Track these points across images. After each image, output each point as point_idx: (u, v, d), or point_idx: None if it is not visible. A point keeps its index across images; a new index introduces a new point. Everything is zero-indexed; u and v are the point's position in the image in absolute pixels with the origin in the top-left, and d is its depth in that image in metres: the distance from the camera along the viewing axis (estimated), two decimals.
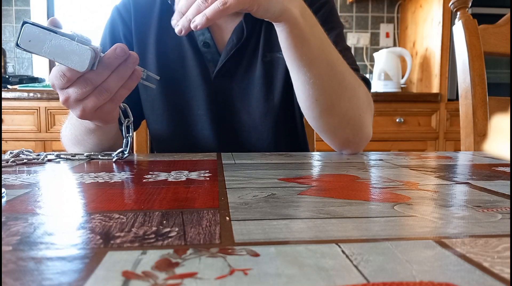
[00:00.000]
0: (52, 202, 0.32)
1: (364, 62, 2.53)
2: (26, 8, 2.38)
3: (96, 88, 0.47)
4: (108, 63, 0.45)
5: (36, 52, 0.43)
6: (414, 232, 0.24)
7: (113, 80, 0.47)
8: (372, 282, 0.17)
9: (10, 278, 0.18)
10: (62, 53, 0.43)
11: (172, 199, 0.33)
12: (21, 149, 0.54)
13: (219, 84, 0.75)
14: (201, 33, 0.74)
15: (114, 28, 0.76)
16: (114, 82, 0.47)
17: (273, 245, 0.22)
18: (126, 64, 0.47)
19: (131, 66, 0.47)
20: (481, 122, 0.86)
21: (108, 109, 0.50)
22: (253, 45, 0.75)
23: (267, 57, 0.74)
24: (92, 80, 0.46)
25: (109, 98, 0.48)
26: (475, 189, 0.37)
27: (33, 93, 1.93)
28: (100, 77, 0.46)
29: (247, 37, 0.74)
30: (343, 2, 2.50)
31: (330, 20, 0.75)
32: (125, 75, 0.47)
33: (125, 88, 0.49)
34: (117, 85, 0.48)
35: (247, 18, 0.73)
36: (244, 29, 0.73)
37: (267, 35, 0.75)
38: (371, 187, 0.38)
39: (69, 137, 0.66)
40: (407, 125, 2.08)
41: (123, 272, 0.18)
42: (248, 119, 0.77)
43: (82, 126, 0.60)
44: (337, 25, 0.76)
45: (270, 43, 0.75)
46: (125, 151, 0.56)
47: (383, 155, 0.62)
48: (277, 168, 0.49)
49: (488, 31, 0.90)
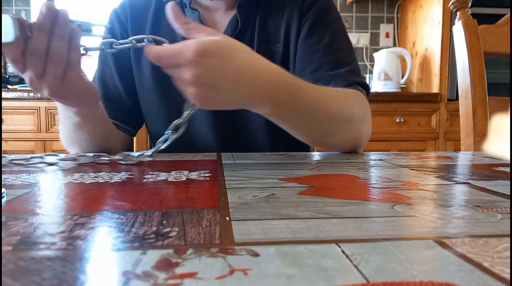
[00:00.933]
0: (52, 202, 0.32)
1: (364, 62, 2.53)
2: (26, 8, 2.38)
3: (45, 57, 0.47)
4: (39, 25, 0.46)
5: None
6: (414, 232, 0.24)
7: (55, 43, 0.47)
8: (372, 282, 0.17)
9: (10, 278, 0.18)
10: None
11: (172, 199, 0.33)
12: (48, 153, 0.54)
13: None
14: None
15: (113, 31, 0.77)
16: (58, 44, 0.47)
17: (273, 245, 0.22)
18: (58, 22, 0.47)
19: (64, 23, 0.47)
20: (481, 122, 0.86)
21: (71, 76, 0.50)
22: (248, 37, 0.74)
23: (262, 49, 0.74)
24: (35, 49, 0.46)
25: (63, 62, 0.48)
26: (475, 189, 0.37)
27: (33, 93, 1.93)
28: (39, 43, 0.46)
29: (241, 29, 0.73)
30: (343, 2, 2.50)
31: (325, 15, 0.74)
32: (63, 33, 0.47)
33: (73, 49, 0.49)
34: (62, 46, 0.48)
35: (241, 10, 0.73)
36: (238, 21, 0.73)
37: (262, 27, 0.74)
38: (371, 187, 0.38)
39: (63, 137, 0.67)
40: (407, 125, 2.08)
41: (123, 272, 0.18)
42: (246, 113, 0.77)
43: (69, 122, 0.61)
44: (333, 20, 0.74)
45: (265, 35, 0.74)
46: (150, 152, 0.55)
47: (383, 155, 0.62)
48: (277, 168, 0.49)
49: (488, 31, 0.90)
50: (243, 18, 0.73)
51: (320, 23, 0.73)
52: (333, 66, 0.69)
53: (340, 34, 0.74)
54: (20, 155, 0.55)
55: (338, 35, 0.73)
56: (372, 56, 2.50)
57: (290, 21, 0.74)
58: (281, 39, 0.74)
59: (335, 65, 0.69)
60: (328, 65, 0.69)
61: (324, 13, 0.74)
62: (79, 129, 0.62)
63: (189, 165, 0.52)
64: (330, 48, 0.71)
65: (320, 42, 0.71)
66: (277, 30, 0.75)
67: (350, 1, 2.47)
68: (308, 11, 0.73)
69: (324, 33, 0.72)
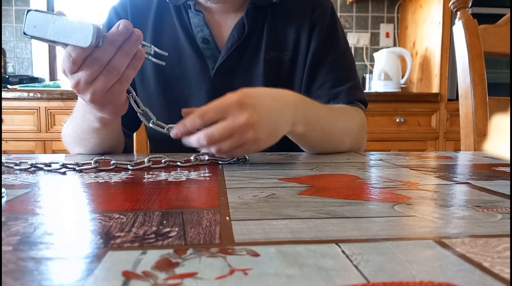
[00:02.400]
0: (52, 202, 0.32)
1: (364, 62, 2.53)
2: (26, 8, 2.38)
3: (104, 67, 0.47)
4: (112, 39, 0.46)
5: (42, 36, 0.44)
6: (414, 232, 0.24)
7: (119, 58, 0.48)
8: (372, 282, 0.17)
9: (10, 278, 0.18)
10: (66, 33, 0.43)
11: (172, 199, 0.33)
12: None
13: (219, 81, 0.75)
14: (200, 29, 0.74)
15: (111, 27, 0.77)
16: (120, 60, 0.48)
17: (273, 245, 0.22)
18: (130, 41, 0.47)
19: (134, 43, 0.48)
20: (481, 122, 0.86)
21: (117, 90, 0.50)
22: (255, 42, 0.74)
23: (269, 55, 0.74)
24: (99, 58, 0.47)
25: (118, 77, 0.49)
26: (475, 189, 0.37)
27: (33, 93, 1.93)
28: (105, 54, 0.47)
29: (248, 34, 0.74)
30: (343, 2, 2.50)
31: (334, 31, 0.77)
32: (130, 52, 0.48)
33: (131, 68, 0.50)
34: (124, 63, 0.48)
35: (248, 15, 0.73)
36: (245, 26, 0.73)
37: (271, 34, 0.75)
38: (371, 187, 0.38)
39: (71, 136, 0.66)
40: (407, 125, 2.08)
41: (123, 272, 0.18)
42: None
43: (86, 124, 0.60)
44: (340, 35, 0.78)
45: (274, 42, 0.75)
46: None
47: (383, 155, 0.62)
48: (277, 168, 0.49)
49: (488, 31, 0.90)
50: (250, 23, 0.73)
51: (330, 37, 0.76)
52: (337, 83, 0.75)
53: (345, 49, 0.78)
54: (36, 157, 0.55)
55: (344, 50, 0.78)
56: (372, 56, 2.50)
57: (300, 30, 0.75)
58: (289, 47, 0.76)
59: (339, 82, 0.75)
60: (333, 82, 0.75)
61: (333, 29, 0.77)
62: (94, 132, 0.61)
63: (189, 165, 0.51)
64: (336, 64, 0.76)
65: (328, 58, 0.75)
66: (286, 38, 0.76)
67: (350, 1, 2.47)
68: (318, 22, 0.76)
69: (332, 50, 0.76)
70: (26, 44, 2.40)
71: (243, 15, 0.73)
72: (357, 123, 0.71)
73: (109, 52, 0.47)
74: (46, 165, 0.47)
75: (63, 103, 1.95)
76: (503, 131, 0.16)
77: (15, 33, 2.39)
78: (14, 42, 2.40)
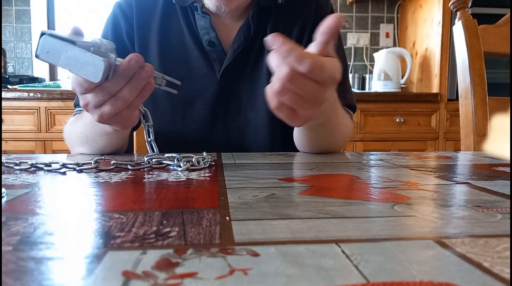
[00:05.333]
0: (52, 202, 0.32)
1: (364, 62, 2.53)
2: (26, 8, 2.38)
3: (112, 96, 0.48)
4: (122, 73, 0.46)
5: (53, 62, 0.44)
6: (414, 232, 0.24)
7: (127, 90, 0.48)
8: (372, 282, 0.17)
9: (10, 278, 0.18)
10: (77, 64, 0.43)
11: (172, 199, 0.33)
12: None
13: (225, 83, 0.75)
14: (206, 32, 0.74)
15: (116, 24, 0.76)
16: (129, 92, 0.48)
17: (273, 245, 0.22)
18: (141, 76, 0.48)
19: (145, 78, 0.48)
20: (481, 122, 0.86)
21: (126, 115, 0.51)
22: (259, 43, 0.75)
23: None
24: (108, 89, 0.47)
25: (125, 106, 0.49)
26: (475, 189, 0.37)
27: (33, 93, 1.93)
28: (115, 86, 0.47)
29: (253, 35, 0.74)
30: (343, 2, 2.50)
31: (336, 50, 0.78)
32: (139, 86, 0.48)
33: (140, 96, 0.50)
34: (132, 95, 0.48)
35: (254, 17, 0.73)
36: (251, 28, 0.73)
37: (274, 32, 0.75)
38: (371, 187, 0.38)
39: (77, 135, 0.66)
40: (407, 125, 2.08)
41: (123, 272, 0.18)
42: (255, 117, 0.77)
43: (98, 127, 0.60)
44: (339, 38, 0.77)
45: None
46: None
47: (383, 155, 0.62)
48: (277, 168, 0.49)
49: (488, 31, 0.90)
50: (256, 24, 0.74)
51: None
52: None
53: (341, 51, 0.78)
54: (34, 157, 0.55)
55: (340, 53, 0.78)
56: (372, 56, 2.50)
57: (302, 32, 0.76)
58: None
59: None
60: None
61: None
62: (106, 135, 0.61)
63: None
64: None
65: None
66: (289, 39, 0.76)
67: (350, 1, 2.47)
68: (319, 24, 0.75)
69: None
70: (26, 44, 2.40)
71: (249, 17, 0.73)
72: (350, 130, 0.75)
73: (118, 84, 0.47)
74: (46, 165, 0.47)
75: (63, 103, 1.96)
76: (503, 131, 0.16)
77: (15, 33, 2.39)
78: (14, 42, 2.40)
